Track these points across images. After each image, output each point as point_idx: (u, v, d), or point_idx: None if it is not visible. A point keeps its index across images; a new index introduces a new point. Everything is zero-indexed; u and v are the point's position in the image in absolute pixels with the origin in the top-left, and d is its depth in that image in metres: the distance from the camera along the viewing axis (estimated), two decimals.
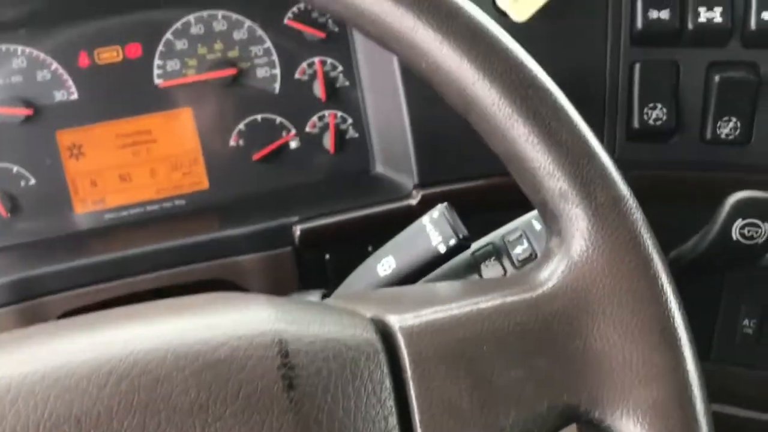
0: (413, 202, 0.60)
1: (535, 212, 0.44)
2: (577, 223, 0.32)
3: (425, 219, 0.43)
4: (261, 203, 0.65)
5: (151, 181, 0.66)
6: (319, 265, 0.61)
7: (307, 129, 0.67)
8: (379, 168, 0.67)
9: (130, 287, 0.59)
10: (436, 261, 0.43)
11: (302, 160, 0.67)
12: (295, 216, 0.60)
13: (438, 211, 0.43)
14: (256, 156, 0.66)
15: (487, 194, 0.59)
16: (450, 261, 0.43)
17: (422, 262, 0.43)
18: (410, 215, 0.60)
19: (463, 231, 0.42)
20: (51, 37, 0.63)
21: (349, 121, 0.68)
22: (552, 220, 0.33)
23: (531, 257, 0.43)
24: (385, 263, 0.43)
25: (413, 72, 0.36)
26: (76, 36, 0.63)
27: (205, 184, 0.67)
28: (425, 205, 0.59)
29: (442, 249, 0.42)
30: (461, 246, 0.42)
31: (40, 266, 0.59)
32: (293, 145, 0.67)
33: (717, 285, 0.58)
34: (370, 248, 0.63)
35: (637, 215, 0.32)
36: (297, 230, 0.59)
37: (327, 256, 0.60)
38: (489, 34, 0.34)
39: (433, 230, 0.42)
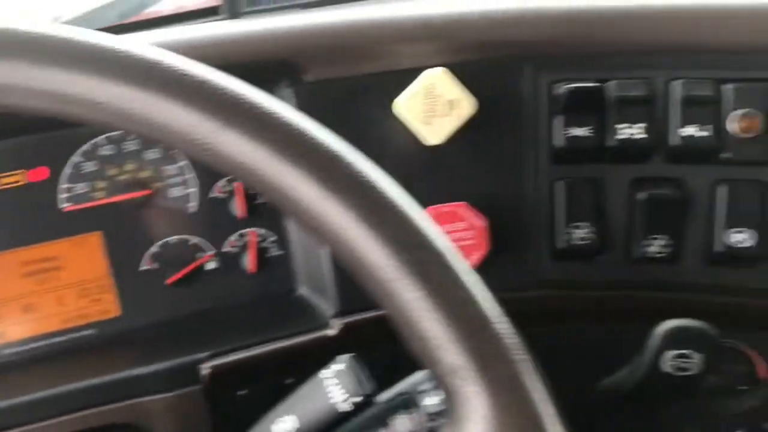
0: (333, 331, 0.56)
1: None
2: (473, 404, 0.29)
3: (327, 373, 0.39)
4: (174, 332, 0.61)
5: (57, 311, 0.61)
6: (232, 404, 0.56)
7: (225, 249, 0.64)
8: (303, 290, 0.63)
9: None
10: (340, 419, 0.39)
11: (220, 282, 0.64)
12: (205, 350, 0.56)
13: (340, 364, 0.39)
14: (169, 280, 0.63)
15: None
16: (357, 416, 0.39)
17: (325, 421, 0.39)
18: (332, 345, 0.57)
19: (368, 387, 0.39)
20: None
21: (271, 238, 0.64)
22: (448, 396, 0.30)
23: (444, 411, 0.39)
24: (282, 424, 0.39)
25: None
26: None
27: (115, 312, 0.62)
28: (347, 335, 0.56)
29: (346, 407, 0.38)
30: (367, 403, 0.38)
31: None
32: (210, 266, 0.64)
33: (655, 419, 0.55)
34: (290, 381, 0.60)
35: (537, 393, 0.29)
36: (205, 368, 0.55)
37: (242, 393, 0.56)
38: (372, 185, 0.31)
39: (335, 386, 0.39)
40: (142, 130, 0.32)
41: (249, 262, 0.64)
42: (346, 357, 0.40)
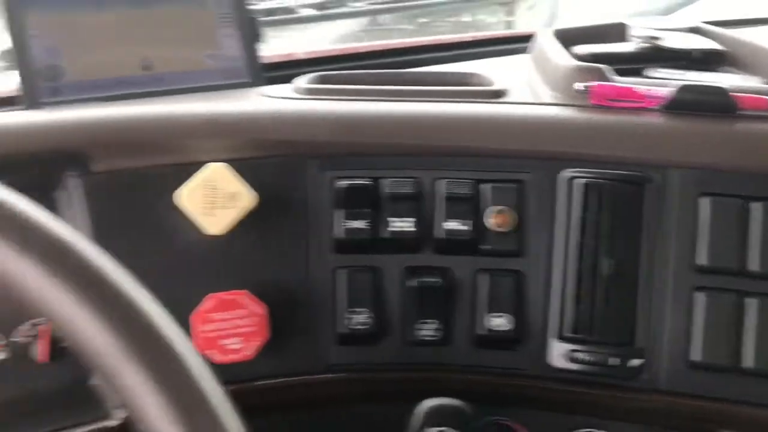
0: (113, 423, 0.56)
1: None
2: None
3: None
4: None
5: None
6: None
7: (17, 338, 0.62)
8: (96, 379, 0.62)
9: None
10: None
11: (10, 373, 0.61)
12: None
13: None
14: None
15: None
16: None
17: None
18: None
19: None
20: None
21: None
22: None
23: None
24: None
25: None
26: None
27: None
28: (127, 425, 0.55)
29: None
30: None
31: None
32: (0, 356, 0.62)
33: None
34: None
35: None
36: None
37: None
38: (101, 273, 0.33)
39: None
40: None
41: (39, 351, 0.62)
42: None
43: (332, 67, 0.84)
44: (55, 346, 0.63)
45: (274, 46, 0.84)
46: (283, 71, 0.80)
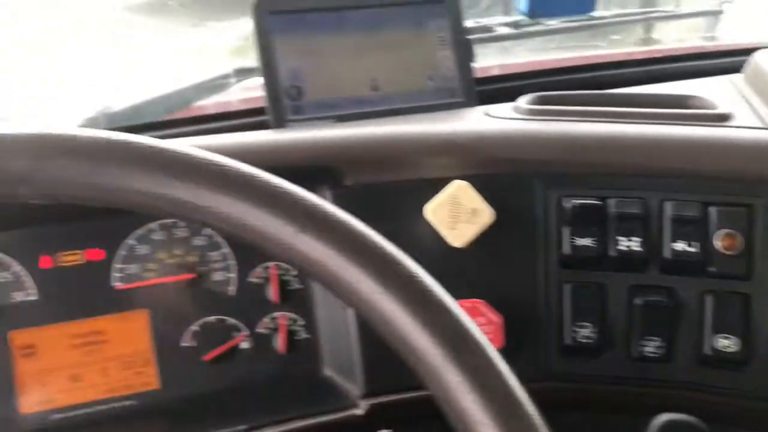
0: (360, 411, 0.62)
1: None
2: None
3: None
4: (210, 406, 0.66)
5: (101, 381, 0.67)
6: None
7: (259, 329, 0.70)
8: (328, 371, 0.69)
9: None
10: None
11: (253, 360, 0.69)
12: (243, 424, 0.61)
13: None
14: (207, 357, 0.68)
15: (432, 405, 0.61)
16: None
17: None
18: (358, 425, 0.62)
19: None
20: (15, 241, 0.66)
21: (301, 322, 0.70)
22: None
23: None
24: None
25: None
26: (40, 240, 0.66)
27: (155, 384, 0.67)
28: (373, 415, 0.61)
29: None
30: None
31: None
32: (244, 345, 0.69)
33: None
34: None
35: None
36: None
37: None
38: (425, 285, 0.38)
39: None
40: (232, 230, 0.39)
41: (279, 343, 0.69)
42: None
43: (532, 83, 0.87)
44: (292, 338, 0.70)
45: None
46: (483, 86, 0.84)
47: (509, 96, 0.77)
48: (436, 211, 0.59)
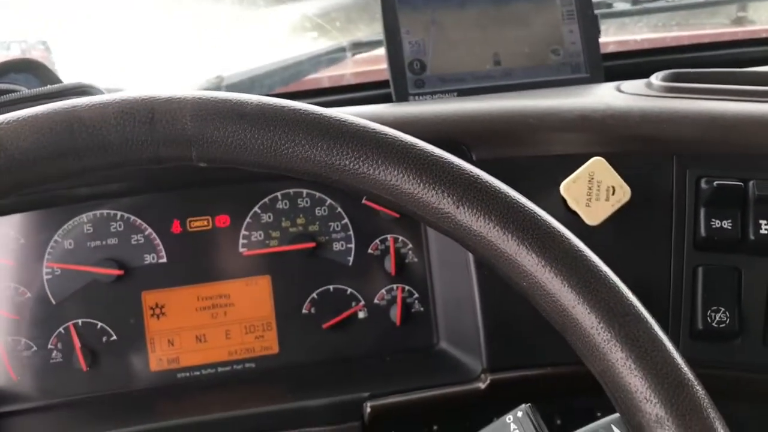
0: (482, 385, 0.61)
1: (612, 417, 0.46)
2: None
3: (509, 418, 0.45)
4: (328, 372, 0.67)
5: (224, 343, 0.69)
6: None
7: (376, 301, 0.70)
8: (443, 344, 0.69)
9: None
10: None
11: (369, 330, 0.70)
12: (365, 391, 0.62)
13: (522, 411, 0.45)
14: (325, 324, 0.69)
15: (556, 382, 0.60)
16: None
17: None
18: (478, 399, 0.62)
19: None
20: (149, 206, 0.68)
21: (416, 295, 0.71)
22: None
23: None
24: None
25: (511, 285, 0.39)
26: (171, 205, 0.68)
27: (275, 349, 0.69)
28: (494, 390, 0.61)
29: None
30: None
31: (115, 426, 0.61)
32: (361, 315, 0.70)
33: None
34: (435, 428, 0.65)
35: None
36: (368, 407, 0.61)
37: None
38: (589, 260, 0.37)
39: (517, 430, 0.44)
40: (392, 199, 0.40)
41: (396, 314, 0.70)
42: (524, 405, 0.45)
43: (656, 60, 0.85)
44: (408, 310, 0.71)
45: None
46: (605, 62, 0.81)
47: (628, 74, 0.74)
48: (571, 187, 0.58)
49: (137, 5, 1.25)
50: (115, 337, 0.67)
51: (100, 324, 0.67)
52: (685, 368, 0.36)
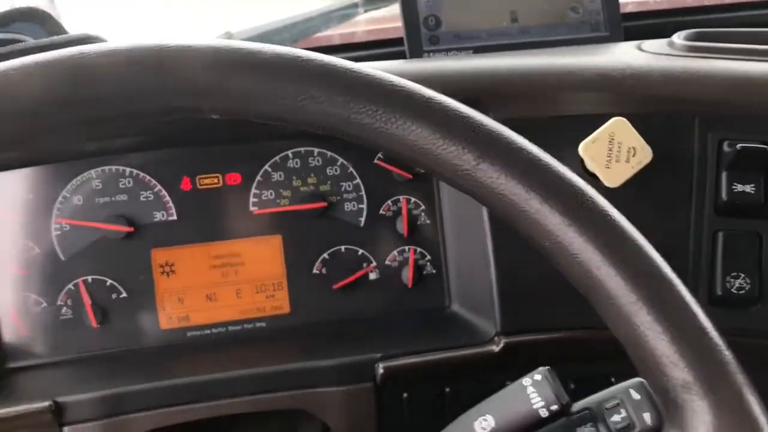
0: (495, 348, 0.61)
1: (631, 381, 0.45)
2: (702, 416, 0.33)
3: (526, 381, 0.44)
4: (339, 333, 0.67)
5: (235, 302, 0.68)
6: (395, 403, 0.61)
7: (387, 262, 0.70)
8: (455, 307, 0.69)
9: (212, 411, 0.60)
10: (535, 424, 0.43)
11: (380, 291, 0.69)
12: (377, 352, 0.61)
13: (540, 374, 0.44)
14: (336, 285, 0.69)
15: (571, 347, 0.60)
16: (547, 425, 0.44)
17: (522, 424, 0.43)
18: (491, 361, 0.62)
19: (566, 397, 0.43)
20: (158, 163, 0.67)
21: (428, 257, 0.70)
22: (672, 408, 0.35)
23: (628, 427, 0.43)
24: (484, 422, 0.44)
25: (531, 244, 0.38)
26: (181, 162, 0.67)
27: (286, 309, 0.69)
28: (507, 353, 0.61)
29: (544, 413, 0.43)
30: (562, 412, 0.43)
31: (124, 384, 0.60)
32: (372, 276, 0.70)
33: None
34: (447, 389, 0.65)
35: (758, 410, 0.33)
36: (380, 368, 0.61)
37: (404, 395, 0.61)
38: (615, 220, 0.36)
39: (535, 393, 0.43)
40: (413, 156, 0.38)
41: (407, 276, 0.69)
42: (543, 369, 0.45)
43: (676, 21, 0.82)
44: (419, 272, 0.70)
45: None
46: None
47: (647, 35, 0.72)
48: (590, 148, 0.56)
49: None
50: (125, 295, 0.66)
51: (109, 281, 0.66)
52: (714, 332, 0.35)
